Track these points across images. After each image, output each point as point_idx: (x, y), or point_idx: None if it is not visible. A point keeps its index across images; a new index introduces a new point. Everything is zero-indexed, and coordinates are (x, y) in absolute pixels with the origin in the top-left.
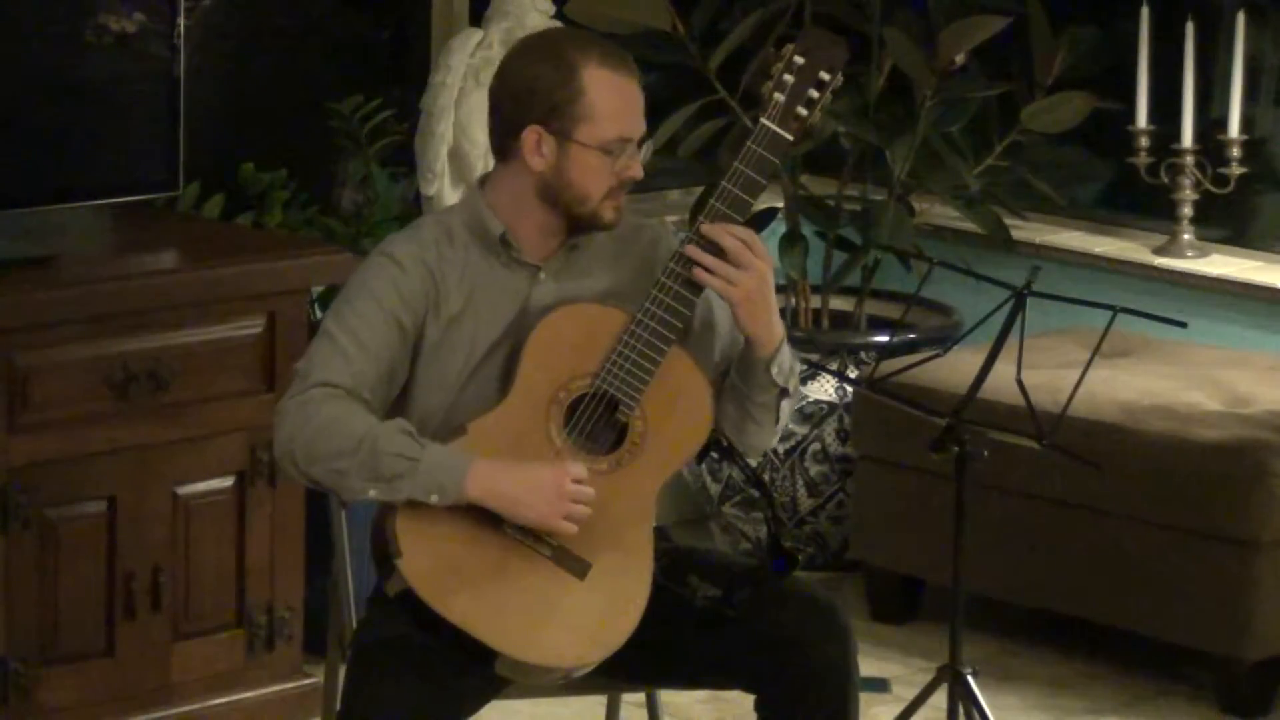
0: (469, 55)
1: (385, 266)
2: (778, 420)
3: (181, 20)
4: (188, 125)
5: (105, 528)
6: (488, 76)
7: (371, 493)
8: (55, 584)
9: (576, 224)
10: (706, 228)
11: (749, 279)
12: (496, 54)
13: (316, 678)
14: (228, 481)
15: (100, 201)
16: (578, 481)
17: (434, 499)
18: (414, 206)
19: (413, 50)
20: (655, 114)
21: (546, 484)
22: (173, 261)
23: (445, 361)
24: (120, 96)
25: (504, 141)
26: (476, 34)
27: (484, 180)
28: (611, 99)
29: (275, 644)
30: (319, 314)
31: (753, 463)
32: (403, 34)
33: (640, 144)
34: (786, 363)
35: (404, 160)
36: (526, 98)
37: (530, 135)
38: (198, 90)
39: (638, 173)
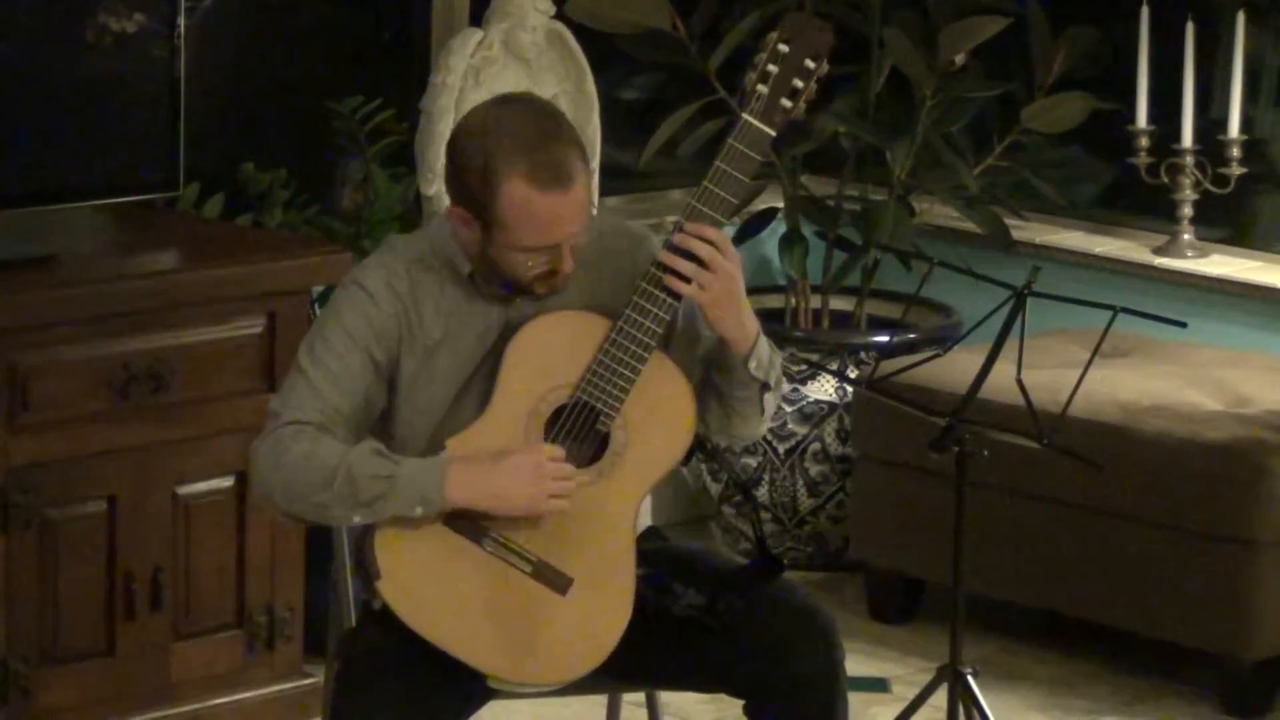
0: (469, 55)
1: (357, 298)
2: (763, 412)
3: (181, 20)
4: (188, 125)
5: (105, 528)
6: (488, 76)
7: (357, 518)
8: (55, 584)
9: None
10: (679, 235)
11: (716, 281)
12: (496, 54)
13: (316, 678)
14: (228, 481)
15: (100, 201)
16: (554, 460)
17: (419, 511)
18: (414, 206)
19: (413, 50)
20: (655, 114)
21: (524, 470)
22: (173, 261)
23: (427, 391)
24: (120, 96)
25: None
26: (476, 34)
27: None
28: (524, 217)
29: (275, 644)
30: (319, 314)
31: (738, 446)
32: (403, 34)
33: (568, 247)
34: (765, 357)
35: (404, 160)
36: (456, 181)
37: (455, 213)
38: (198, 90)
39: (565, 268)
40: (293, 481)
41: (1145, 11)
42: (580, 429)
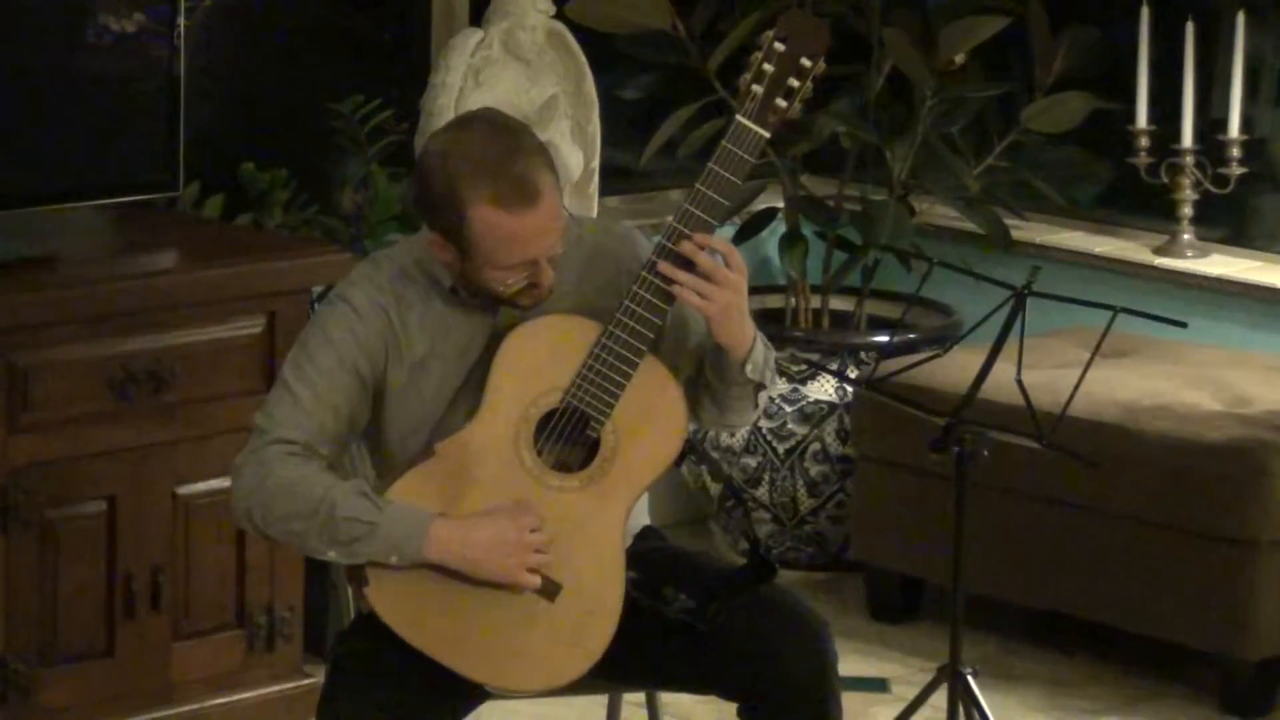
0: (469, 55)
1: (343, 313)
2: (757, 406)
3: (181, 20)
4: (188, 125)
5: (105, 528)
6: (488, 76)
7: (331, 554)
8: (55, 584)
9: None
10: (687, 245)
11: (725, 294)
12: (496, 54)
13: (316, 678)
14: (228, 481)
15: (100, 201)
16: (535, 532)
17: (394, 560)
18: (414, 206)
19: (413, 50)
20: (655, 114)
21: (503, 542)
22: (173, 261)
23: (416, 405)
24: (120, 96)
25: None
26: (476, 34)
27: None
28: (496, 240)
29: (275, 644)
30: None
31: (737, 434)
32: (403, 34)
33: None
34: (760, 359)
35: (404, 160)
36: (426, 208)
37: (431, 239)
38: (198, 90)
39: (545, 281)
40: (273, 505)
41: (1145, 11)
42: (570, 434)
